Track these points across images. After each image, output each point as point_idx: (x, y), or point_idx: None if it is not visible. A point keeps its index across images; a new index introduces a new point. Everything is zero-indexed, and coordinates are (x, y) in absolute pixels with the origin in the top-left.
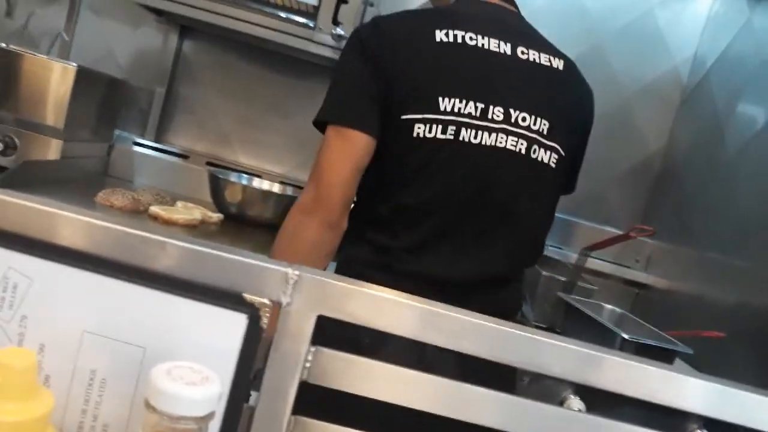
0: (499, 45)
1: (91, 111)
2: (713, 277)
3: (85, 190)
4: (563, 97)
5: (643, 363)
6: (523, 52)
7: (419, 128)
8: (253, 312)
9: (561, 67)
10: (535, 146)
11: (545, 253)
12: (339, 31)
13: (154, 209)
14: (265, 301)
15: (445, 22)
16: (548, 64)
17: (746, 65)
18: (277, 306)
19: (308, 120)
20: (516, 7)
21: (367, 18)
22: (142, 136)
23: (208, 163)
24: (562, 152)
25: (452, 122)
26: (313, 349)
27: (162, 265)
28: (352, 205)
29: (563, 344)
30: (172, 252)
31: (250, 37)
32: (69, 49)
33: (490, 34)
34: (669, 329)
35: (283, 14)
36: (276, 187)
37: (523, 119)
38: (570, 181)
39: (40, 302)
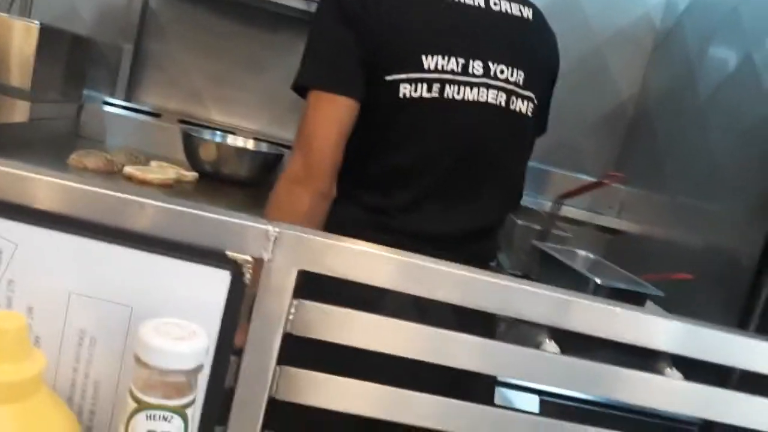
0: None
1: (57, 70)
2: (684, 221)
3: (56, 152)
4: (534, 46)
5: (612, 305)
6: (495, 3)
7: (405, 88)
8: (235, 269)
9: (530, 17)
10: (513, 97)
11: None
12: None
13: (129, 169)
14: (248, 257)
15: None
16: (519, 14)
17: (718, 10)
18: (259, 262)
19: (281, 75)
20: None
21: None
22: (112, 95)
23: (181, 121)
24: (535, 101)
25: (436, 80)
26: (295, 302)
27: (143, 225)
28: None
29: (536, 290)
30: (153, 212)
31: None
32: (30, 7)
33: None
34: (641, 273)
35: None
36: (250, 144)
37: (501, 72)
38: (542, 123)
39: (26, 266)
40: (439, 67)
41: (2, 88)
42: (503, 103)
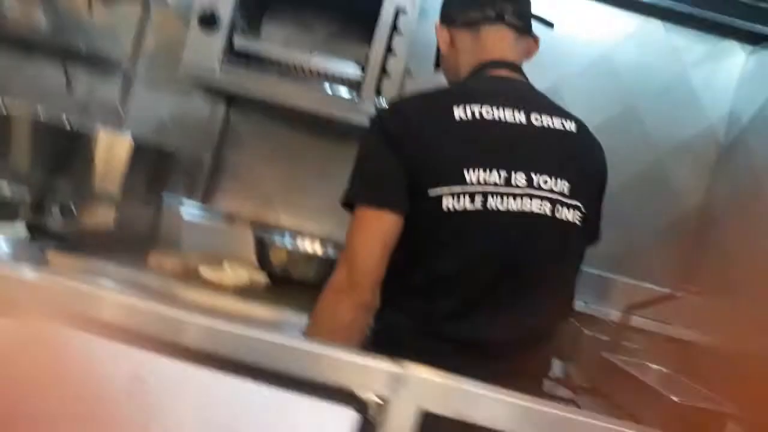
0: (513, 115)
1: (142, 179)
2: (760, 332)
3: (137, 253)
4: (579, 156)
5: None
6: (536, 119)
7: (447, 201)
8: (362, 407)
9: (574, 129)
10: (558, 206)
11: (586, 311)
12: (382, 101)
13: (205, 271)
14: (374, 397)
15: (460, 99)
16: (561, 127)
17: None
18: (383, 402)
19: (346, 182)
20: (524, 76)
21: (408, 88)
22: (189, 200)
23: (252, 225)
24: (583, 209)
25: (479, 192)
26: None
27: (273, 362)
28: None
29: None
30: (283, 350)
31: (295, 108)
32: (123, 121)
33: (504, 106)
34: (718, 388)
35: (327, 85)
36: (318, 248)
37: (545, 182)
38: (594, 230)
39: (163, 398)
40: (482, 180)
41: (95, 196)
42: (548, 212)
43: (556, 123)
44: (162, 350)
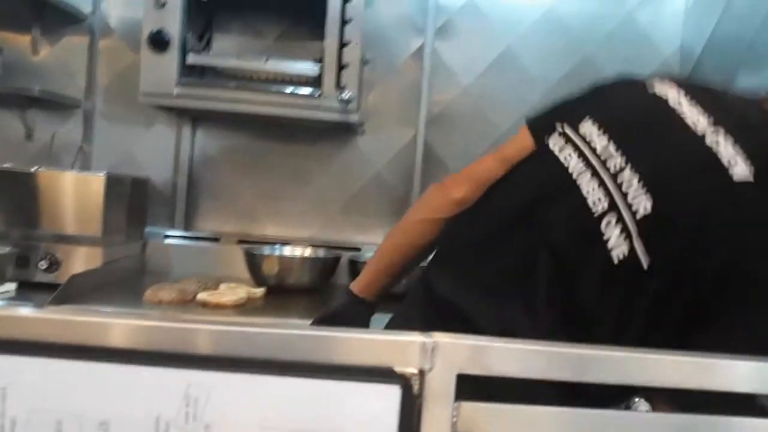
0: (698, 119)
1: (122, 214)
2: None
3: (128, 289)
4: (727, 211)
5: (698, 356)
6: (715, 140)
7: (552, 141)
8: (404, 382)
9: (741, 175)
10: (614, 214)
11: None
12: (344, 95)
13: (202, 296)
14: (413, 370)
15: (676, 85)
16: (726, 163)
17: (735, 48)
18: (420, 373)
19: (326, 182)
20: None
21: (367, 76)
22: (172, 227)
23: (239, 241)
24: (640, 257)
25: (573, 145)
26: (456, 404)
27: (312, 355)
28: None
29: (669, 357)
30: (320, 342)
31: (260, 116)
32: (90, 159)
33: (703, 109)
34: None
35: (288, 89)
36: (308, 252)
37: (629, 185)
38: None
39: (219, 410)
40: (587, 137)
41: (76, 239)
42: (597, 214)
43: (726, 154)
44: (203, 365)
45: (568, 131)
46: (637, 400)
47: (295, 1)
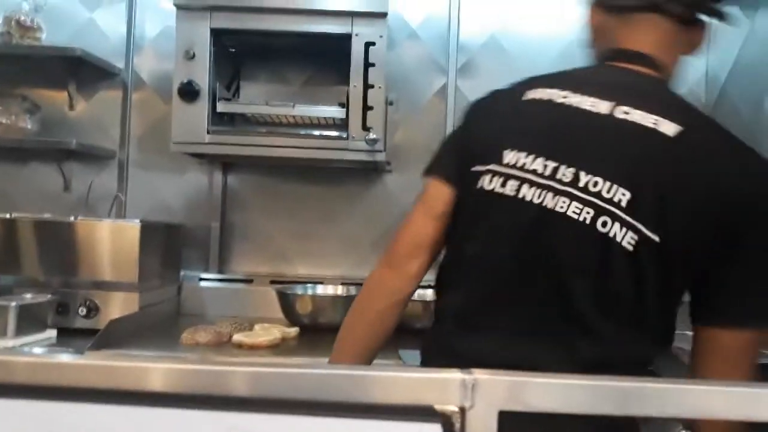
0: (595, 104)
1: (157, 259)
2: None
3: (166, 333)
4: (669, 166)
5: (743, 386)
6: (624, 112)
7: (482, 180)
8: (445, 420)
9: (671, 133)
10: (606, 218)
11: None
12: (371, 135)
13: (237, 337)
14: (454, 408)
15: (546, 82)
16: (653, 126)
17: (761, 72)
18: (461, 411)
19: (355, 221)
20: (655, 68)
21: (391, 117)
22: (206, 270)
23: (272, 282)
24: (650, 235)
25: (514, 177)
26: None
27: (352, 395)
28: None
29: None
30: (359, 381)
31: (290, 159)
32: (125, 207)
33: (592, 94)
34: None
35: (315, 132)
36: (340, 290)
37: (595, 184)
38: (743, 296)
39: None
40: (519, 164)
41: (113, 285)
42: (588, 220)
43: (649, 120)
44: (242, 407)
45: (496, 168)
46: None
47: (320, 47)
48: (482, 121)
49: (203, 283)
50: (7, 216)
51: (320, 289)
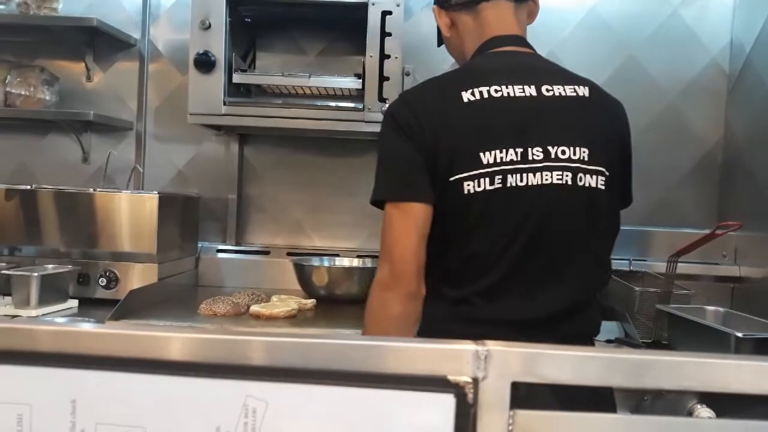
0: (523, 89)
1: (175, 231)
2: None
3: (184, 303)
4: (595, 121)
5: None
6: (548, 90)
7: (468, 185)
8: (459, 391)
9: (587, 94)
10: (580, 174)
11: (634, 269)
12: (386, 107)
13: (255, 308)
14: (467, 378)
15: (467, 81)
16: (574, 94)
17: None
18: (474, 381)
19: (371, 193)
20: (530, 47)
21: (408, 87)
22: (224, 242)
23: (288, 254)
24: (606, 172)
25: (497, 172)
26: (511, 412)
27: (368, 365)
28: (428, 272)
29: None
30: (375, 351)
31: (306, 130)
32: (143, 179)
33: (513, 82)
34: None
35: (331, 103)
36: (356, 262)
37: (563, 152)
38: (625, 193)
39: (277, 420)
40: (498, 160)
41: (133, 256)
42: (569, 181)
43: (568, 90)
44: (260, 376)
45: (479, 171)
46: (699, 406)
47: (336, 17)
48: (439, 131)
49: (221, 255)
50: (28, 187)
51: (336, 261)
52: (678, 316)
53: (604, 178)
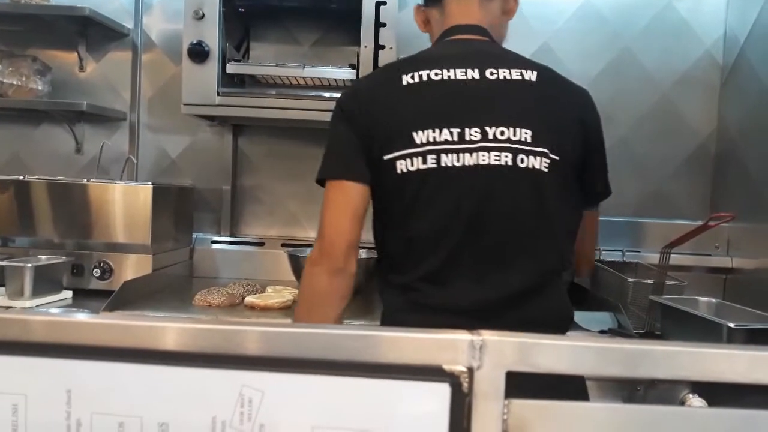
0: (466, 72)
1: (170, 222)
2: None
3: (179, 294)
4: (542, 104)
5: (754, 350)
6: (492, 73)
7: (401, 164)
8: (454, 380)
9: (534, 78)
10: (522, 155)
11: (627, 260)
12: None
13: (249, 299)
14: (462, 368)
15: (411, 66)
16: (520, 78)
17: None
18: (469, 371)
19: None
20: (488, 36)
21: None
22: (218, 234)
23: (283, 245)
24: (553, 156)
25: (430, 151)
26: (506, 402)
27: (366, 355)
28: (379, 258)
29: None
30: (369, 341)
31: (300, 121)
32: (136, 169)
33: (456, 66)
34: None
35: (326, 94)
36: None
37: (502, 133)
38: (599, 184)
39: (273, 410)
40: (431, 140)
41: (127, 247)
42: (509, 162)
43: (515, 74)
44: (255, 366)
45: (411, 150)
46: (691, 396)
47: (330, 7)
48: (375, 113)
49: (215, 246)
50: (21, 178)
51: None
52: (671, 306)
53: (548, 161)
